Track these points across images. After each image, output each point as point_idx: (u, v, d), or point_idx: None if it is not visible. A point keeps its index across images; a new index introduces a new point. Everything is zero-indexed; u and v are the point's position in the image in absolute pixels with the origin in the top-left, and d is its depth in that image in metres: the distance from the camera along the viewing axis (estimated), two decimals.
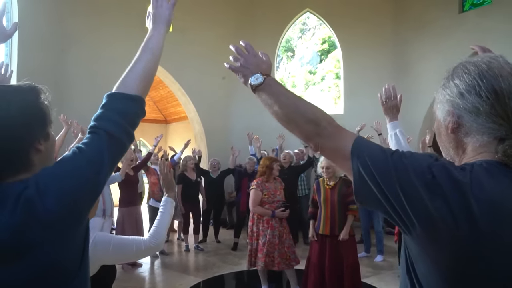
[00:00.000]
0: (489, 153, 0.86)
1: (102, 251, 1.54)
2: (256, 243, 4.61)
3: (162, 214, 1.86)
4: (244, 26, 9.62)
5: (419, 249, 0.83)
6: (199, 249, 6.98)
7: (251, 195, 4.63)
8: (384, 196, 0.84)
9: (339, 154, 0.96)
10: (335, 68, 21.90)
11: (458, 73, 0.91)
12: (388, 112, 2.27)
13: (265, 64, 1.20)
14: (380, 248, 6.38)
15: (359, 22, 9.45)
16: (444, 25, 8.23)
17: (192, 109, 9.54)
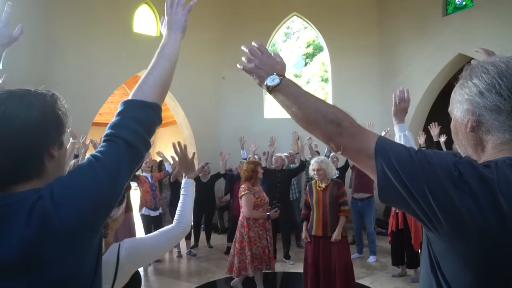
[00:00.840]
0: (510, 150, 0.88)
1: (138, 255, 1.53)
2: (255, 248, 4.54)
3: (184, 196, 1.85)
4: (231, 30, 9.63)
5: (446, 246, 0.84)
6: (191, 254, 6.93)
7: (245, 201, 4.54)
8: (409, 195, 0.84)
9: (362, 153, 0.96)
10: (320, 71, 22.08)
11: (476, 73, 0.93)
12: (398, 114, 2.29)
13: (279, 65, 1.20)
14: (373, 249, 6.43)
15: (345, 25, 9.58)
16: (428, 28, 8.39)
17: (181, 114, 9.48)
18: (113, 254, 1.45)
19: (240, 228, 4.63)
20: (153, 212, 6.29)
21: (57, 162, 0.99)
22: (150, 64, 1.17)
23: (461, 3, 8.09)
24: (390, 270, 5.75)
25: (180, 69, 8.40)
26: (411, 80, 8.50)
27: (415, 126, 8.53)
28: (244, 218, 4.60)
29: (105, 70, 8.02)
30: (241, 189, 4.64)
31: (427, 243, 0.93)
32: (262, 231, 4.60)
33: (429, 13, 8.42)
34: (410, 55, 8.73)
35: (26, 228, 0.85)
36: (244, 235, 4.55)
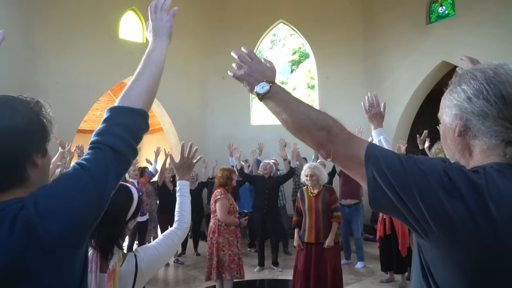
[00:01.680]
0: (497, 156, 0.89)
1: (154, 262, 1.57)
2: (222, 254, 4.44)
3: (181, 197, 1.90)
4: (217, 37, 9.65)
5: (437, 252, 0.84)
6: (178, 262, 6.85)
7: (221, 205, 4.46)
8: (400, 201, 0.85)
9: (353, 160, 0.96)
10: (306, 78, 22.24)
11: (465, 79, 0.94)
12: (373, 120, 2.32)
13: (270, 71, 1.19)
14: (360, 255, 6.45)
15: (331, 33, 9.68)
16: (412, 36, 8.54)
17: (168, 121, 9.42)
18: (131, 264, 1.49)
19: (211, 234, 4.56)
20: (140, 217, 6.20)
21: (41, 171, 0.97)
22: (136, 70, 1.15)
23: (444, 12, 8.28)
24: (378, 276, 5.77)
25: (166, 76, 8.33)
26: (396, 87, 8.63)
27: (400, 132, 8.64)
28: (215, 224, 4.53)
29: (90, 77, 7.93)
30: (217, 193, 4.57)
31: (418, 250, 0.93)
32: (232, 238, 4.53)
33: (413, 22, 8.59)
34: (395, 63, 8.87)
35: (9, 239, 0.82)
36: (213, 240, 4.49)
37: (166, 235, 1.71)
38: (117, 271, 1.42)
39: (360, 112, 9.43)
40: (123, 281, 1.44)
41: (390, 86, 8.79)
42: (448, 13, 8.17)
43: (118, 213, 1.51)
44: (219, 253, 4.44)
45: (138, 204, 1.61)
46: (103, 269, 1.45)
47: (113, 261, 1.44)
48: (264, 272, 6.23)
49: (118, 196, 1.54)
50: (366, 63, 9.62)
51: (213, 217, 4.64)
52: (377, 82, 9.21)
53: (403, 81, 8.60)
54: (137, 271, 1.47)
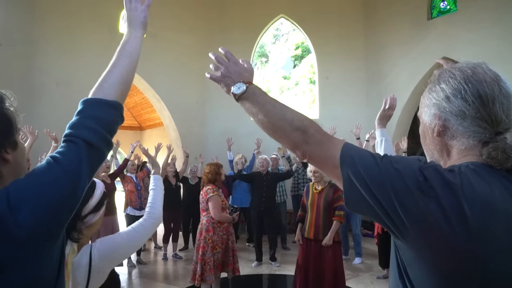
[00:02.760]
0: (474, 156, 0.89)
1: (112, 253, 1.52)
2: (216, 253, 4.31)
3: (154, 190, 1.91)
4: (217, 32, 9.63)
5: (413, 252, 0.84)
6: (177, 257, 6.88)
7: (214, 203, 4.31)
8: (376, 202, 0.84)
9: (328, 161, 0.95)
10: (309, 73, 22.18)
11: (444, 78, 0.93)
12: (382, 119, 2.33)
13: (247, 72, 1.17)
14: (358, 251, 6.46)
15: (332, 29, 9.65)
16: (413, 32, 8.49)
17: (167, 115, 9.44)
18: (85, 256, 1.44)
19: (203, 232, 4.35)
20: (138, 212, 6.24)
21: (13, 165, 0.95)
22: (111, 61, 1.13)
23: (446, 7, 8.21)
24: (375, 272, 5.78)
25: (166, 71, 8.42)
26: (396, 83, 8.59)
27: (400, 129, 8.61)
28: (208, 222, 4.36)
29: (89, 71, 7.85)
30: (208, 191, 4.39)
31: (395, 250, 0.93)
32: (225, 235, 4.42)
33: (414, 17, 8.53)
34: (396, 59, 8.83)
35: None
36: (207, 239, 4.31)
37: (132, 226, 1.67)
38: (69, 262, 1.37)
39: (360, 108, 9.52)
40: (77, 273, 1.41)
41: (390, 83, 8.76)
42: (450, 8, 8.10)
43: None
44: (213, 252, 4.30)
45: (101, 199, 1.55)
46: None
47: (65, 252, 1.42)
48: (262, 267, 6.26)
49: None
50: (366, 59, 9.58)
51: (205, 214, 4.46)
52: (378, 79, 9.18)
53: (403, 78, 8.56)
54: (91, 262, 1.43)
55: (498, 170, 0.85)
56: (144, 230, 1.69)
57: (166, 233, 6.92)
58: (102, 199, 1.56)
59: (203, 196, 4.45)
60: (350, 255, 6.62)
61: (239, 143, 7.77)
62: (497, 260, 0.79)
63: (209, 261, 4.25)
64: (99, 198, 1.55)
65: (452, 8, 8.06)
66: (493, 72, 0.90)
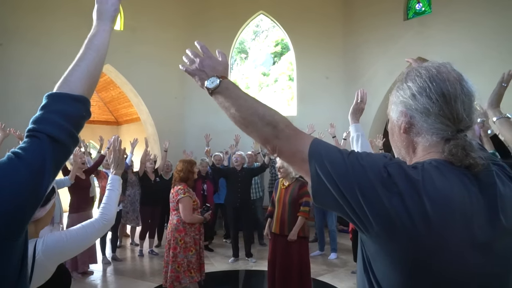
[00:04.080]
0: (437, 153, 0.92)
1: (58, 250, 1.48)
2: (191, 255, 4.10)
3: (110, 191, 1.86)
4: (197, 27, 9.56)
5: (377, 247, 0.86)
6: (153, 253, 6.82)
7: (185, 205, 4.08)
8: (342, 197, 0.86)
9: (297, 156, 0.97)
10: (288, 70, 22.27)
11: (411, 76, 0.96)
12: (356, 113, 2.34)
13: (221, 66, 1.18)
14: (334, 246, 6.56)
15: (311, 26, 9.71)
16: (390, 32, 8.64)
17: (145, 111, 9.31)
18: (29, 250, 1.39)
19: (174, 232, 4.12)
20: None
21: None
22: (77, 55, 1.11)
23: (421, 9, 8.39)
24: (350, 267, 5.89)
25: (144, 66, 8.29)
26: (374, 82, 8.73)
27: (376, 126, 8.77)
28: (178, 222, 4.14)
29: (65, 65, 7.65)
30: (179, 191, 4.14)
31: (361, 245, 0.95)
32: (197, 236, 4.22)
33: (391, 18, 8.68)
34: (373, 58, 8.97)
35: None
36: (179, 240, 4.09)
37: (83, 224, 1.64)
38: None
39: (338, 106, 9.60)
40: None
41: (368, 81, 8.89)
42: (425, 10, 8.29)
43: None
44: (187, 254, 4.08)
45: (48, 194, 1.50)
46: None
47: None
48: (239, 263, 6.28)
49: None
50: (344, 57, 9.69)
51: (175, 214, 4.22)
52: (355, 77, 9.31)
53: (380, 76, 8.70)
54: (34, 257, 1.39)
55: (458, 167, 0.88)
56: (94, 231, 1.65)
57: (143, 230, 6.85)
58: (50, 194, 1.51)
59: (173, 195, 4.24)
60: (326, 251, 6.71)
61: (217, 139, 7.73)
62: (453, 253, 0.82)
63: (182, 263, 4.05)
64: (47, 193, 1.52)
65: (427, 10, 8.24)
66: (457, 72, 0.94)
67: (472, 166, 0.87)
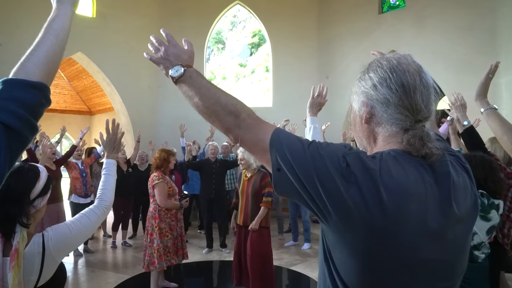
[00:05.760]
0: (396, 143, 0.93)
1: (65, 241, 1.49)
2: (166, 240, 4.35)
3: (106, 175, 1.84)
4: (171, 16, 9.40)
5: (336, 237, 0.87)
6: (126, 245, 6.74)
7: (160, 190, 4.31)
8: (302, 186, 0.86)
9: (258, 146, 0.97)
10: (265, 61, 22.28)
11: (373, 67, 0.98)
12: (313, 107, 2.37)
13: (186, 54, 1.16)
14: (307, 237, 6.64)
15: (287, 18, 9.71)
16: (364, 25, 8.73)
17: (118, 100, 9.12)
18: (38, 245, 1.41)
19: (150, 219, 4.39)
20: (83, 199, 6.02)
21: None
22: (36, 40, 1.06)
23: (395, 3, 8.50)
24: None
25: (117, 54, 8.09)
26: (347, 74, 8.83)
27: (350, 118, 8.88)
28: (155, 209, 4.38)
29: None
30: (154, 177, 4.38)
31: (321, 234, 0.96)
32: (174, 222, 4.45)
33: (366, 11, 8.77)
34: (347, 50, 9.04)
35: None
36: (155, 226, 4.32)
37: (83, 213, 1.63)
38: (21, 251, 1.33)
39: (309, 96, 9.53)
40: (29, 263, 1.36)
41: (341, 73, 8.98)
42: (399, 4, 8.41)
43: (21, 191, 1.44)
44: (163, 239, 4.32)
45: (47, 182, 1.53)
46: (7, 252, 1.36)
47: (15, 240, 1.35)
48: (212, 254, 6.29)
49: (20, 174, 1.46)
50: (319, 49, 9.75)
51: (152, 201, 4.45)
52: (329, 69, 9.38)
53: (354, 69, 8.75)
54: (44, 251, 1.40)
55: (416, 157, 0.89)
56: (96, 217, 1.65)
57: (115, 221, 6.75)
58: (48, 182, 1.53)
59: (150, 182, 4.45)
60: (299, 241, 6.80)
61: (192, 130, 7.66)
62: (408, 241, 0.83)
63: (158, 247, 4.25)
64: (45, 181, 1.52)
65: (400, 4, 8.36)
66: (416, 64, 0.95)
67: (428, 155, 0.88)
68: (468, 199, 0.93)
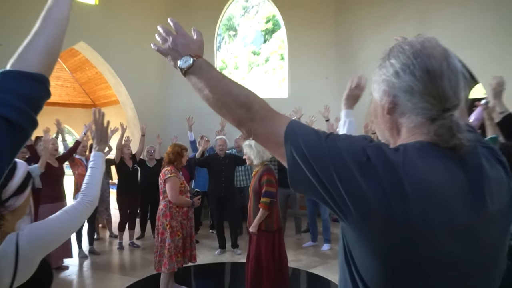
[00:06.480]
0: (422, 134, 0.91)
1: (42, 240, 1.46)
2: (177, 239, 4.39)
3: (92, 169, 1.82)
4: (178, 4, 9.41)
5: (356, 235, 0.86)
6: (134, 246, 6.84)
7: (172, 184, 4.35)
8: (319, 182, 0.86)
9: (273, 139, 0.97)
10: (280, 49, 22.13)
11: (394, 52, 0.96)
12: (350, 99, 2.33)
13: (195, 44, 1.17)
14: (327, 237, 6.61)
15: (303, 2, 9.61)
16: (384, 10, 8.57)
17: (124, 92, 9.21)
18: (11, 245, 1.38)
19: (161, 218, 4.44)
20: None
21: None
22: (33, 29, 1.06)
23: None
24: None
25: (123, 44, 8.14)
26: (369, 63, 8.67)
27: None
28: (165, 207, 4.44)
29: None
30: (166, 172, 4.44)
31: (341, 233, 0.96)
32: (185, 221, 4.51)
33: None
34: (368, 37, 8.89)
35: None
36: (166, 225, 4.38)
37: (64, 210, 1.61)
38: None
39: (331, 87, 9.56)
40: (2, 263, 1.35)
41: (363, 62, 8.85)
42: None
43: None
44: (174, 238, 4.35)
45: (25, 180, 1.50)
46: None
47: None
48: (225, 255, 6.33)
49: None
50: (337, 36, 9.64)
51: (162, 198, 4.51)
52: (349, 57, 9.26)
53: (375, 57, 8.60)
54: (18, 251, 1.37)
55: (443, 148, 0.88)
56: (78, 214, 1.62)
57: (122, 220, 6.84)
58: (26, 180, 1.50)
59: (161, 177, 4.50)
60: (318, 241, 6.78)
61: (201, 123, 7.69)
62: (434, 240, 0.82)
63: (169, 247, 4.30)
64: (22, 179, 1.49)
65: None
66: (442, 47, 0.93)
67: (457, 147, 0.87)
68: (504, 194, 0.91)
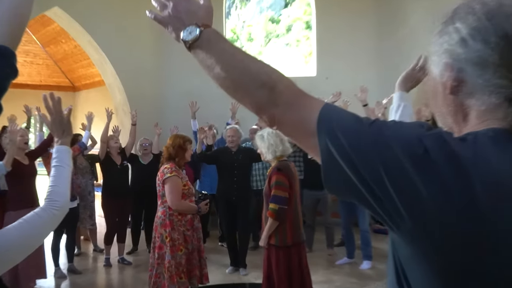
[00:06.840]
0: (496, 120, 0.88)
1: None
2: (179, 256, 4.26)
3: (57, 168, 1.79)
4: None
5: (411, 250, 0.85)
6: (124, 262, 6.89)
7: (172, 186, 4.26)
8: (361, 180, 0.84)
9: (302, 128, 0.95)
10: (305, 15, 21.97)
11: (460, 14, 0.91)
12: (407, 81, 2.35)
13: (202, 10, 1.15)
14: (367, 253, 6.56)
15: None
16: None
17: (110, 71, 9.30)
18: None
19: (159, 228, 4.34)
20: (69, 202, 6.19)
21: None
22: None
23: None
24: None
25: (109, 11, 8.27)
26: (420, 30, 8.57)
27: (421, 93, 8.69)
28: (164, 214, 4.34)
29: None
30: (164, 170, 4.35)
31: (392, 249, 0.94)
32: (189, 232, 4.39)
33: None
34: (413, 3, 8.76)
35: None
36: (165, 237, 4.28)
37: (24, 219, 1.58)
38: None
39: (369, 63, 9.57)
40: None
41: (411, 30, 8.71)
42: None
43: None
44: (175, 254, 4.23)
45: None
46: None
47: None
48: (238, 274, 6.33)
49: None
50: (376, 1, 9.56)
51: (161, 204, 4.43)
52: (392, 25, 9.14)
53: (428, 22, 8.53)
54: None
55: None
56: (42, 224, 1.60)
57: (109, 231, 6.86)
58: None
59: (159, 177, 4.41)
60: (356, 258, 6.73)
61: (207, 109, 7.73)
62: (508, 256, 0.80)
63: (169, 266, 4.20)
64: None
65: None
66: None
67: None
68: None
